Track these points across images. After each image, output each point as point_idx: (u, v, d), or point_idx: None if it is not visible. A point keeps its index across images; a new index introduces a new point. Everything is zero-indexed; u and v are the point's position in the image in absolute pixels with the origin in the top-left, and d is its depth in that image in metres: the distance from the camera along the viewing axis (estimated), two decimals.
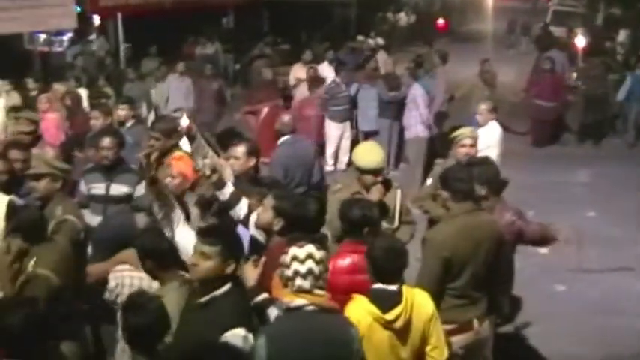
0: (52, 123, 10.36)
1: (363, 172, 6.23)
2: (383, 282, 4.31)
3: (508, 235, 5.61)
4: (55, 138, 9.71)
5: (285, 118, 8.26)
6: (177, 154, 6.60)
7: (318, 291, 3.95)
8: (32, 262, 5.02)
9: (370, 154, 6.30)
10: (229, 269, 4.18)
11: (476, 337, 5.14)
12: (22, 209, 5.44)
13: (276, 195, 5.10)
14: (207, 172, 5.15)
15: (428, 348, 4.42)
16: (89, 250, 5.82)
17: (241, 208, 5.31)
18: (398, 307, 4.24)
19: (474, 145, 7.15)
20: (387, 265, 4.32)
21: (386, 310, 4.23)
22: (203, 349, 3.96)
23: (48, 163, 6.07)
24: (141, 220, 5.46)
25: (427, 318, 4.38)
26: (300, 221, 4.98)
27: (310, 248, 3.98)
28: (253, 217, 5.23)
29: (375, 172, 6.17)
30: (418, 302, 4.35)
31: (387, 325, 4.24)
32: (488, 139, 8.83)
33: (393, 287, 4.30)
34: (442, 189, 5.27)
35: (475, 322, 5.12)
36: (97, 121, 8.58)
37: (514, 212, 5.93)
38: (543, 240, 6.10)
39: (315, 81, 13.12)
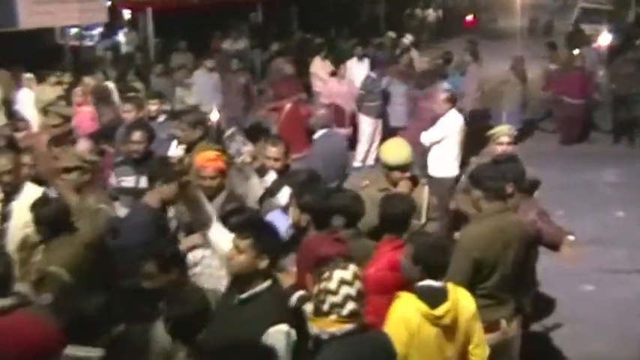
0: (86, 116, 10.48)
1: (390, 168, 6.24)
2: (430, 278, 4.27)
3: None
4: (89, 131, 9.82)
5: (320, 112, 8.31)
6: (208, 154, 6.59)
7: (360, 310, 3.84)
8: (46, 259, 5.08)
9: (397, 151, 6.32)
10: (262, 264, 4.17)
11: (503, 337, 5.13)
12: (44, 202, 5.46)
13: (300, 191, 5.13)
14: (249, 159, 5.18)
15: (471, 346, 4.40)
16: None
17: (283, 196, 5.33)
18: (446, 303, 4.20)
19: (510, 143, 7.11)
20: (434, 262, 4.28)
21: (434, 306, 4.19)
22: (246, 345, 3.94)
23: (77, 156, 6.18)
24: None
25: (470, 316, 4.36)
26: (329, 216, 5.03)
27: (353, 267, 3.85)
28: (292, 211, 5.26)
29: (403, 168, 6.19)
30: (462, 299, 4.34)
31: (436, 321, 4.20)
32: (447, 129, 8.99)
33: (439, 284, 4.27)
34: (473, 188, 5.26)
35: (503, 322, 5.11)
36: (129, 114, 8.66)
37: (538, 212, 5.89)
38: (557, 246, 6.00)
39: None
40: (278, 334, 3.94)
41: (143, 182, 6.72)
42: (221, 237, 4.80)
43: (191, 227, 5.32)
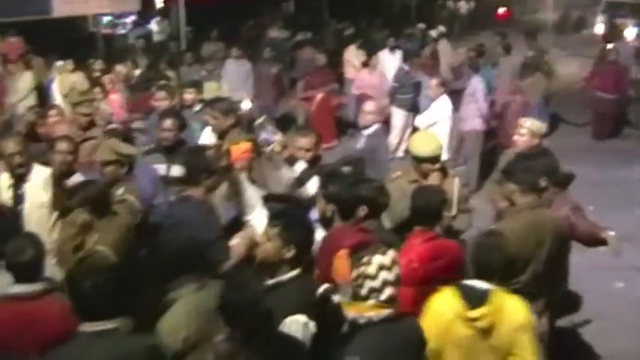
0: (115, 103, 10.59)
1: (420, 160, 6.21)
2: (479, 278, 4.21)
3: None
4: (119, 118, 9.93)
5: (369, 106, 8.20)
6: (240, 147, 6.57)
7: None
8: (94, 238, 5.15)
9: (426, 143, 6.29)
10: (289, 254, 4.19)
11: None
12: (89, 184, 5.55)
13: (325, 181, 5.13)
14: (279, 149, 5.19)
15: (510, 358, 4.22)
16: None
17: (312, 186, 5.34)
18: (484, 306, 4.10)
19: (533, 136, 7.04)
20: (487, 264, 4.22)
21: (471, 307, 4.12)
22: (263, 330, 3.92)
23: (115, 150, 6.21)
24: None
25: (516, 326, 4.15)
26: (354, 205, 5.03)
27: (392, 253, 3.89)
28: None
29: (432, 160, 6.16)
30: (509, 308, 4.17)
31: (469, 322, 4.13)
32: (439, 113, 8.98)
33: (485, 286, 4.17)
34: (507, 181, 5.23)
35: (534, 318, 5.09)
36: (161, 103, 8.70)
37: (572, 207, 5.84)
38: (591, 241, 5.92)
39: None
40: (295, 325, 3.95)
41: (174, 170, 6.79)
42: (262, 221, 4.82)
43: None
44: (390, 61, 14.46)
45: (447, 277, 4.95)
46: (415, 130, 11.55)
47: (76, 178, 6.17)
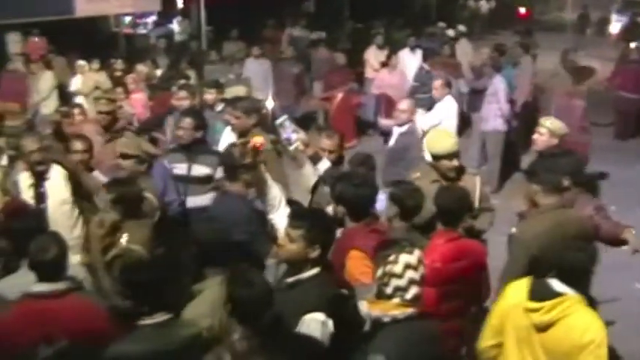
0: (138, 103, 10.64)
1: (437, 158, 6.23)
2: (557, 278, 4.14)
3: None
4: (141, 117, 9.98)
5: (408, 104, 8.32)
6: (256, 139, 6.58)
7: None
8: (125, 237, 5.19)
9: (442, 140, 6.31)
10: (314, 254, 4.21)
11: None
12: (122, 183, 5.59)
13: (332, 184, 5.13)
14: (302, 147, 5.19)
15: None
16: None
17: None
18: (546, 302, 4.05)
19: (552, 136, 6.99)
20: (567, 266, 4.16)
21: (533, 299, 4.10)
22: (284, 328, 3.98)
23: (137, 145, 6.28)
24: None
25: (579, 344, 3.98)
26: (366, 206, 5.04)
27: (418, 252, 3.91)
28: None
29: (449, 156, 6.17)
30: (577, 322, 4.01)
31: (527, 313, 4.11)
32: (444, 113, 9.19)
33: (561, 288, 4.10)
34: (530, 181, 5.20)
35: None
36: (182, 102, 8.72)
37: (595, 207, 5.81)
38: (614, 241, 5.86)
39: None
40: (313, 323, 3.97)
41: (195, 170, 6.81)
42: (285, 221, 4.80)
43: None
44: (410, 61, 14.43)
45: (469, 278, 4.97)
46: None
47: (95, 177, 6.25)
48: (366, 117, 14.12)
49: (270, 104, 5.91)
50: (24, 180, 6.29)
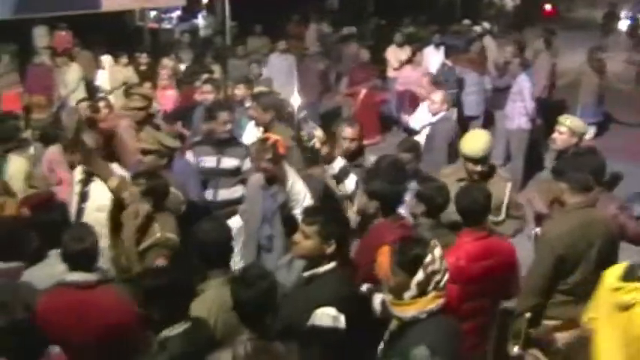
0: (169, 99, 10.65)
1: (465, 159, 6.23)
2: None
3: None
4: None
5: (441, 95, 8.42)
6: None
7: None
8: (157, 226, 5.25)
9: (472, 143, 6.28)
10: (330, 249, 4.25)
11: (581, 334, 5.04)
12: (151, 175, 5.62)
13: (368, 177, 5.19)
14: (318, 145, 5.21)
15: None
16: None
17: (350, 183, 5.36)
18: (630, 283, 4.01)
19: (572, 135, 6.91)
20: None
21: (623, 280, 4.07)
22: (295, 323, 4.03)
23: (157, 140, 6.27)
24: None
25: None
26: (397, 202, 5.03)
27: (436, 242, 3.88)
28: (360, 195, 5.26)
29: (475, 160, 6.16)
30: None
31: (612, 291, 4.10)
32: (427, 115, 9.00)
33: None
34: (558, 180, 5.17)
35: (582, 320, 5.00)
36: (208, 96, 8.75)
37: (618, 205, 5.78)
38: (638, 240, 5.83)
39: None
40: (324, 317, 4.00)
41: (224, 162, 6.88)
42: None
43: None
44: (434, 58, 14.39)
45: (495, 277, 4.96)
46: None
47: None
48: (389, 113, 14.11)
49: (295, 100, 5.92)
50: (77, 173, 6.30)
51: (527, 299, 5.09)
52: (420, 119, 9.13)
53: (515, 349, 5.15)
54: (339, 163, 5.36)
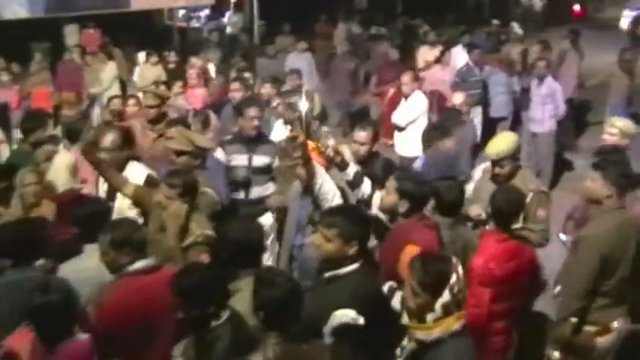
0: (198, 98, 10.68)
1: (489, 158, 6.27)
2: None
3: None
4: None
5: (461, 97, 8.50)
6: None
7: None
8: (194, 224, 5.27)
9: (492, 143, 6.30)
10: (352, 250, 4.22)
11: (618, 338, 5.01)
12: (185, 174, 5.62)
13: (399, 176, 5.10)
14: (332, 153, 5.19)
15: None
16: None
17: (365, 189, 5.36)
18: None
19: (624, 136, 6.82)
20: None
21: None
22: (315, 324, 4.00)
23: (191, 141, 6.25)
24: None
25: None
26: (426, 202, 5.03)
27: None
28: (376, 198, 5.25)
29: (494, 161, 6.17)
30: None
31: None
32: (415, 109, 9.29)
33: None
34: (605, 181, 5.06)
35: (618, 323, 4.98)
36: (237, 93, 8.77)
37: None
38: None
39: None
40: (344, 319, 3.98)
41: (256, 160, 6.88)
42: None
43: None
44: (462, 58, 14.32)
45: (520, 278, 4.95)
46: (485, 128, 11.48)
47: (134, 169, 6.15)
48: None
49: (303, 105, 5.92)
50: None
51: (572, 303, 4.90)
52: (403, 115, 9.19)
53: (557, 355, 5.08)
54: (353, 168, 5.33)
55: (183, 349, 4.12)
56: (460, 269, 3.60)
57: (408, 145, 9.20)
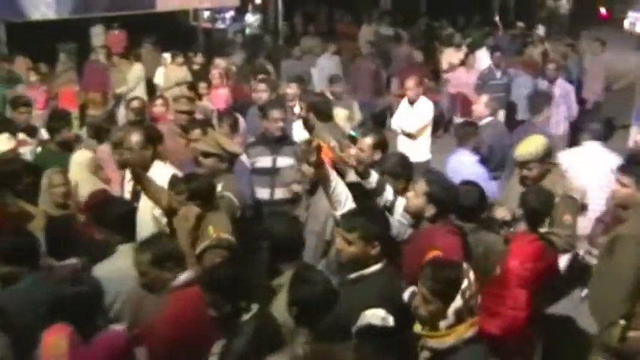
0: (221, 98, 10.72)
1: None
2: None
3: None
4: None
5: (485, 99, 8.46)
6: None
7: None
8: (210, 228, 5.22)
9: (521, 146, 6.31)
10: (375, 251, 4.27)
11: None
12: (191, 179, 5.59)
13: (430, 180, 5.05)
14: (354, 163, 5.18)
15: None
16: None
17: (388, 195, 5.36)
18: None
19: None
20: None
21: None
22: (342, 324, 4.01)
23: (219, 144, 6.23)
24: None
25: None
26: (452, 208, 5.02)
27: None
28: (400, 204, 5.21)
29: (519, 163, 6.19)
30: None
31: None
32: (424, 118, 9.21)
33: None
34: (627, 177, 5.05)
35: None
36: (262, 94, 8.78)
37: None
38: None
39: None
40: (374, 319, 4.00)
41: (280, 162, 6.87)
42: None
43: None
44: (487, 61, 14.26)
45: (547, 280, 4.94)
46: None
47: (159, 168, 6.12)
48: (442, 115, 14.06)
49: (297, 110, 5.96)
50: (128, 172, 6.22)
51: (619, 307, 4.61)
52: (413, 123, 9.14)
53: None
54: (375, 176, 5.33)
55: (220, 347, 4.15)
56: (472, 275, 3.59)
57: (414, 149, 9.09)
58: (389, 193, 5.26)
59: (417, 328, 3.68)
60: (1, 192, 5.78)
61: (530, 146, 6.18)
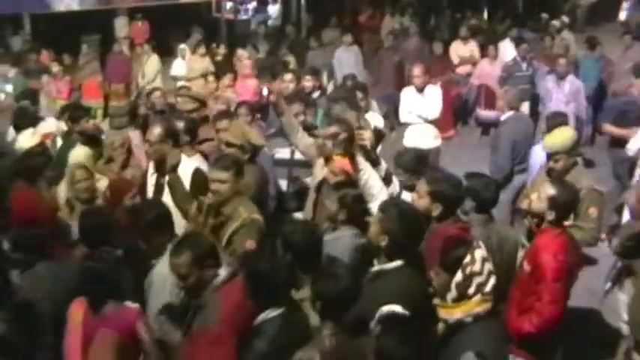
0: (249, 89, 10.72)
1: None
2: None
3: None
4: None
5: (511, 93, 8.38)
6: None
7: None
8: (242, 209, 5.16)
9: (550, 137, 6.32)
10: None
11: None
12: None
13: (431, 178, 5.02)
14: (369, 147, 5.15)
15: None
16: None
17: (395, 187, 5.33)
18: None
19: None
20: None
21: None
22: (361, 318, 4.01)
23: (244, 134, 6.22)
24: None
25: None
26: (460, 204, 5.01)
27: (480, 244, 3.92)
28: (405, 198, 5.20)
29: (549, 155, 6.18)
30: None
31: None
32: (437, 101, 9.11)
33: None
34: None
35: None
36: (289, 85, 8.77)
37: None
38: None
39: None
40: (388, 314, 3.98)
41: (299, 153, 6.76)
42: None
43: None
44: (511, 52, 14.15)
45: (571, 274, 4.90)
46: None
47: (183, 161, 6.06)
48: (465, 107, 14.00)
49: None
50: (152, 166, 6.19)
51: None
52: (433, 108, 9.10)
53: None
54: (384, 165, 5.30)
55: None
56: (479, 253, 3.77)
57: (423, 136, 9.12)
58: (395, 185, 5.25)
59: (436, 300, 3.92)
60: (35, 184, 6.03)
61: (558, 138, 6.17)
